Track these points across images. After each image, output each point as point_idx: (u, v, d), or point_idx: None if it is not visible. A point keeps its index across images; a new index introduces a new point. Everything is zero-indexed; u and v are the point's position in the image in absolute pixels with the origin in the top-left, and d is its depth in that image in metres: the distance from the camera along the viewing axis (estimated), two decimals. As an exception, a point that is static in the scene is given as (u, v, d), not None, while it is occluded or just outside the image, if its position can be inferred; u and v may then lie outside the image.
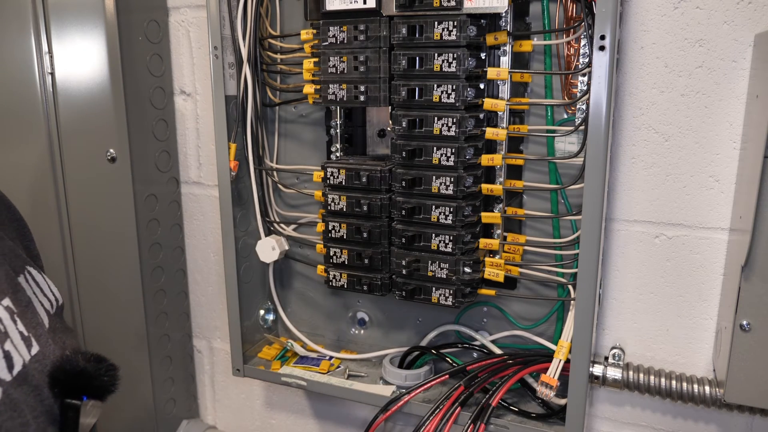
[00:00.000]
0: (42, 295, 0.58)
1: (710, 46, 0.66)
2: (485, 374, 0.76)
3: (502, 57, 0.69)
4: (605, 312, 0.77)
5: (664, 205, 0.72)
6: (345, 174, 0.75)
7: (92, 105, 0.89)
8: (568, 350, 0.69)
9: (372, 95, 0.70)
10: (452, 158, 0.68)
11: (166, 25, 0.95)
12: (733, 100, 0.67)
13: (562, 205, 0.73)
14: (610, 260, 0.76)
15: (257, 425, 1.08)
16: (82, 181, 0.94)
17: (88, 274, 0.98)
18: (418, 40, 0.67)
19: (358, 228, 0.75)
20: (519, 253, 0.73)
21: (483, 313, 0.82)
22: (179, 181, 1.01)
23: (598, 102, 0.61)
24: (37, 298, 0.56)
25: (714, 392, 0.69)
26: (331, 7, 0.71)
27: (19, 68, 0.91)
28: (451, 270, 0.71)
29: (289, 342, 0.91)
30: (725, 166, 0.68)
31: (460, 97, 0.66)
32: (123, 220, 0.92)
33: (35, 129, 0.93)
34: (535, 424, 0.74)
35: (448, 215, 0.70)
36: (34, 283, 0.58)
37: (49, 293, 0.59)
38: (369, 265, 0.75)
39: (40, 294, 0.57)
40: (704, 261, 0.71)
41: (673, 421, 0.77)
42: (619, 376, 0.73)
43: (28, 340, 0.52)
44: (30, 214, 0.65)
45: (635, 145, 0.72)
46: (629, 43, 0.69)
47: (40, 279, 0.59)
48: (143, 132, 0.92)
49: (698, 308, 0.73)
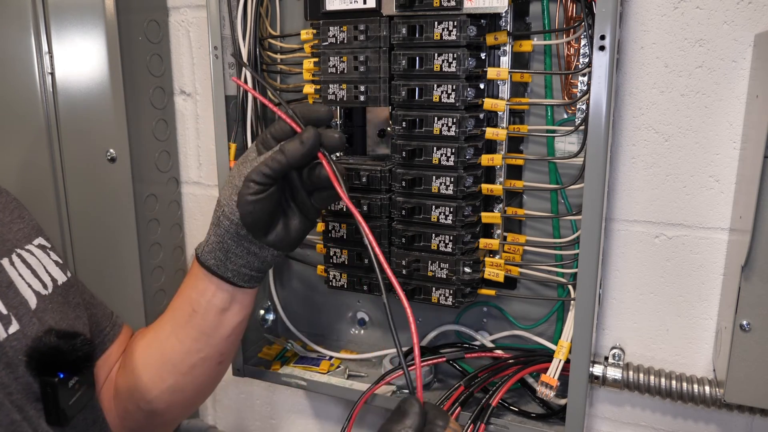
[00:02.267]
0: (32, 277, 0.59)
1: (710, 46, 0.66)
2: (485, 374, 0.76)
3: (502, 57, 0.69)
4: (605, 312, 0.77)
5: (664, 205, 0.72)
6: (345, 174, 0.75)
7: (92, 105, 0.89)
8: (568, 350, 0.69)
9: (372, 95, 0.71)
10: (452, 158, 0.68)
11: (166, 25, 0.95)
12: (733, 100, 0.67)
13: (562, 205, 0.73)
14: (610, 260, 0.76)
15: (257, 425, 1.08)
16: (82, 181, 0.94)
17: (88, 274, 0.98)
18: (418, 40, 0.67)
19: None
20: (519, 253, 0.73)
21: (483, 313, 0.82)
22: (179, 181, 1.01)
23: (598, 102, 0.61)
24: (24, 280, 0.58)
25: (714, 392, 0.69)
26: (331, 7, 0.71)
27: (19, 68, 0.91)
28: (451, 270, 0.71)
29: (289, 342, 0.91)
30: (725, 166, 0.68)
31: (460, 97, 0.66)
32: (123, 220, 0.92)
33: (35, 129, 0.93)
34: (535, 424, 0.74)
35: (448, 215, 0.70)
36: (24, 265, 0.59)
37: (43, 274, 0.60)
38: (369, 265, 0.75)
39: (29, 275, 0.58)
40: (704, 261, 0.71)
41: (673, 421, 0.77)
42: (619, 376, 0.73)
43: (6, 318, 0.53)
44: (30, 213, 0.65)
45: (635, 145, 0.72)
46: (629, 43, 0.69)
47: (34, 261, 0.60)
48: (143, 132, 0.92)
49: (698, 308, 0.73)
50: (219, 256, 0.61)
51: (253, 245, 0.61)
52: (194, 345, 0.65)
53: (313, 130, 0.58)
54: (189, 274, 0.66)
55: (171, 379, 0.65)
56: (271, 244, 0.62)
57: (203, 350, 0.65)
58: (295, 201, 0.63)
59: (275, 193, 0.59)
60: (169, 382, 0.65)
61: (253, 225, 0.59)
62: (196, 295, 0.64)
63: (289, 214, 0.63)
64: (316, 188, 0.62)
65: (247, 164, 0.60)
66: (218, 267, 0.62)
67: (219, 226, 0.61)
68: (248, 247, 0.61)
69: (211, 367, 0.67)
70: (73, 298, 0.63)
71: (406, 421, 0.46)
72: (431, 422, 0.47)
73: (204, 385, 0.69)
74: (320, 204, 0.63)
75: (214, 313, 0.64)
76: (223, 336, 0.65)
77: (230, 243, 0.61)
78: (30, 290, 0.57)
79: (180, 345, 0.65)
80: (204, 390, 0.71)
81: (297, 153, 0.57)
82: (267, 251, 0.62)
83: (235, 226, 0.59)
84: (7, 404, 0.50)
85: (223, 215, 0.60)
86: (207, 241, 0.63)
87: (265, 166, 0.58)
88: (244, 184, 0.58)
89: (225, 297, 0.63)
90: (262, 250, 0.62)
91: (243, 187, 0.58)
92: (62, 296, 0.61)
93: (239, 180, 0.59)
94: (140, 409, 0.66)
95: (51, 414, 0.53)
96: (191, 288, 0.65)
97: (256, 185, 0.58)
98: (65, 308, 0.61)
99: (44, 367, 0.53)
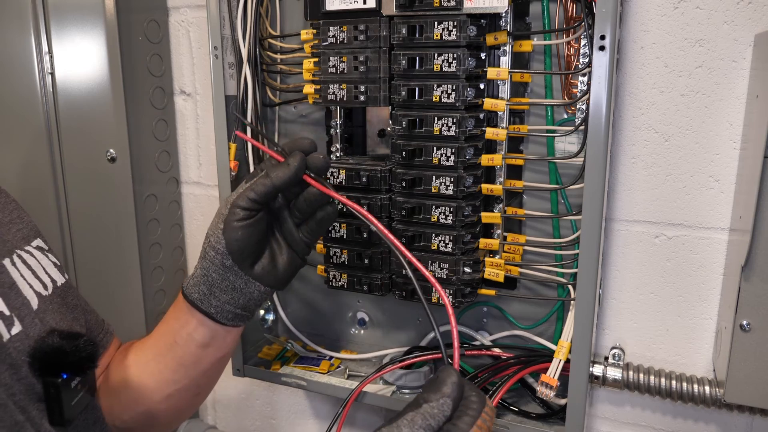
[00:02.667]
0: (33, 277, 0.58)
1: (710, 46, 0.66)
2: (485, 374, 0.76)
3: (502, 57, 0.69)
4: (605, 312, 0.77)
5: (664, 205, 0.72)
6: (345, 174, 0.75)
7: (92, 105, 0.89)
8: (568, 350, 0.69)
9: (372, 95, 0.71)
10: (452, 158, 0.68)
11: (166, 25, 0.95)
12: (733, 100, 0.67)
13: (562, 205, 0.73)
14: (610, 260, 0.76)
15: (257, 425, 1.08)
16: (82, 181, 0.94)
17: (88, 273, 0.98)
18: (418, 40, 0.67)
19: (358, 228, 0.75)
20: (519, 253, 0.73)
21: (483, 313, 0.82)
22: (179, 181, 1.01)
23: (598, 102, 0.61)
24: (25, 280, 0.57)
25: (714, 392, 0.69)
26: (331, 7, 0.71)
27: (19, 68, 0.91)
28: (451, 270, 0.71)
29: (289, 342, 0.91)
30: (725, 166, 0.68)
31: (460, 97, 0.66)
32: (123, 220, 0.92)
33: (35, 129, 0.93)
34: (535, 424, 0.74)
35: (448, 215, 0.70)
36: (25, 266, 0.58)
37: (43, 275, 0.60)
38: (369, 265, 0.75)
39: (30, 276, 0.58)
40: (704, 261, 0.71)
41: (673, 421, 0.77)
42: (619, 376, 0.73)
43: (9, 319, 0.53)
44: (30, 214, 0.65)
45: (635, 145, 0.72)
46: (629, 43, 0.69)
47: (33, 262, 0.60)
48: (143, 132, 0.92)
49: (698, 308, 0.73)
50: (203, 290, 0.60)
51: (239, 279, 0.59)
52: (172, 376, 0.64)
53: (299, 154, 0.58)
54: (174, 303, 0.65)
55: (144, 406, 0.65)
56: (257, 277, 0.60)
57: (180, 381, 0.64)
58: (283, 234, 0.62)
59: (262, 221, 0.59)
60: (143, 407, 0.65)
61: (239, 253, 0.58)
62: (178, 327, 0.63)
63: (276, 249, 0.62)
64: (304, 219, 0.62)
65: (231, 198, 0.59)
66: (201, 301, 0.60)
67: (205, 258, 0.59)
68: (234, 281, 0.59)
69: (187, 398, 0.67)
70: (72, 299, 0.63)
71: (444, 389, 0.45)
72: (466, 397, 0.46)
73: (179, 413, 0.69)
74: (308, 237, 0.62)
75: (194, 347, 0.62)
76: (201, 370, 0.64)
77: (215, 276, 0.59)
78: (31, 291, 0.57)
79: (158, 374, 0.64)
80: (179, 417, 0.70)
81: (283, 175, 0.57)
82: (253, 286, 0.60)
83: (220, 256, 0.58)
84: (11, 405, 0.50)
85: (209, 246, 0.59)
86: (193, 274, 0.61)
87: (251, 191, 0.57)
88: (230, 210, 0.57)
89: (206, 333, 0.62)
90: (248, 285, 0.60)
91: (229, 213, 0.57)
92: (61, 297, 0.61)
93: (225, 208, 0.58)
94: (116, 427, 0.65)
95: (54, 414, 0.53)
96: (174, 319, 0.64)
97: (242, 211, 0.57)
98: (64, 309, 0.61)
99: (47, 368, 0.53)
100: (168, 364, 0.64)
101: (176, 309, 0.64)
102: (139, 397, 0.65)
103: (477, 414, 0.44)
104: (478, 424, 0.44)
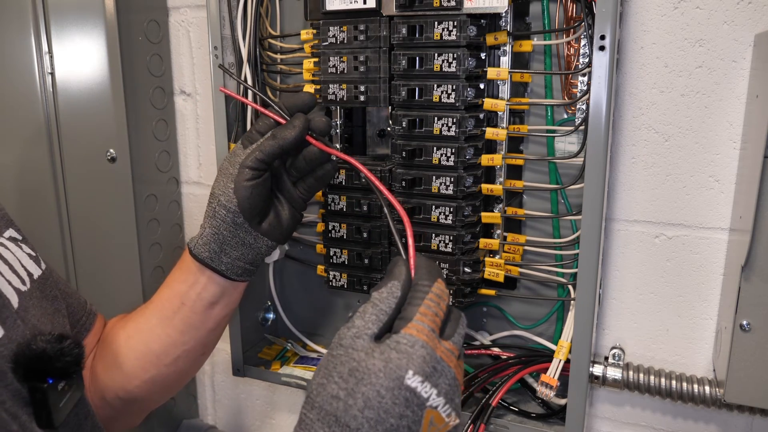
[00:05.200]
0: (11, 273, 0.56)
1: (710, 46, 0.66)
2: (485, 374, 0.76)
3: (502, 57, 0.69)
4: (605, 312, 0.77)
5: (664, 205, 0.72)
6: (345, 174, 0.75)
7: (92, 105, 0.89)
8: (568, 350, 0.69)
9: (372, 95, 0.71)
10: (452, 158, 0.68)
11: (166, 25, 0.95)
12: (733, 100, 0.67)
13: (562, 205, 0.73)
14: (610, 260, 0.76)
15: (257, 425, 1.08)
16: (82, 181, 0.94)
17: (87, 274, 0.98)
18: (418, 40, 0.67)
19: (358, 228, 0.75)
20: (519, 253, 0.73)
21: (483, 313, 0.82)
22: (179, 181, 1.01)
23: (598, 102, 0.61)
24: (3, 277, 0.55)
25: (714, 392, 0.69)
26: (331, 7, 0.71)
27: (19, 68, 0.91)
28: (451, 270, 0.71)
29: (289, 342, 0.91)
30: (725, 166, 0.68)
31: (460, 97, 0.66)
32: (123, 220, 0.92)
33: (35, 129, 0.93)
34: (535, 424, 0.74)
35: (448, 215, 0.70)
36: (1, 260, 0.56)
37: (20, 268, 0.58)
38: (369, 265, 0.76)
39: (8, 272, 0.56)
40: (704, 261, 0.71)
41: (673, 421, 0.77)
42: (619, 376, 0.73)
43: None
44: (30, 214, 0.65)
45: (635, 145, 0.72)
46: (629, 43, 0.69)
47: (9, 255, 0.57)
48: (143, 132, 0.92)
49: (698, 308, 0.73)
50: (214, 248, 0.63)
51: (249, 235, 0.63)
52: (180, 338, 0.66)
53: (301, 116, 0.62)
54: (177, 268, 0.67)
55: (154, 370, 0.67)
56: (265, 232, 0.63)
57: (188, 342, 0.66)
58: (282, 192, 0.66)
59: (268, 180, 0.62)
60: (151, 373, 0.67)
61: (249, 210, 0.61)
62: (185, 288, 0.65)
63: (279, 206, 0.66)
64: (301, 176, 0.66)
65: (235, 159, 0.62)
66: (212, 259, 0.63)
67: (215, 217, 0.62)
68: (243, 237, 0.63)
69: (195, 358, 0.69)
70: (51, 291, 0.61)
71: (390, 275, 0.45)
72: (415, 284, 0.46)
73: (185, 374, 0.71)
74: (305, 193, 0.66)
75: (202, 306, 0.65)
76: (209, 329, 0.67)
77: (226, 234, 0.62)
78: (10, 288, 0.55)
79: (166, 337, 0.66)
80: (184, 378, 0.72)
81: (289, 136, 0.60)
82: (261, 241, 0.64)
83: (232, 215, 0.61)
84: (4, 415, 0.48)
85: (219, 205, 0.62)
86: (201, 234, 0.64)
87: (260, 152, 0.60)
88: (240, 171, 0.61)
89: (215, 290, 0.65)
90: (257, 241, 0.63)
91: (239, 174, 0.61)
92: (39, 290, 0.59)
93: (234, 169, 0.61)
94: (118, 398, 0.67)
95: (41, 418, 0.52)
96: (180, 282, 0.66)
97: (252, 171, 0.60)
98: (44, 303, 0.59)
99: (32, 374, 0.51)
100: (176, 326, 0.66)
101: (182, 271, 0.66)
102: (146, 364, 0.66)
103: (420, 302, 0.44)
104: (421, 311, 0.43)
